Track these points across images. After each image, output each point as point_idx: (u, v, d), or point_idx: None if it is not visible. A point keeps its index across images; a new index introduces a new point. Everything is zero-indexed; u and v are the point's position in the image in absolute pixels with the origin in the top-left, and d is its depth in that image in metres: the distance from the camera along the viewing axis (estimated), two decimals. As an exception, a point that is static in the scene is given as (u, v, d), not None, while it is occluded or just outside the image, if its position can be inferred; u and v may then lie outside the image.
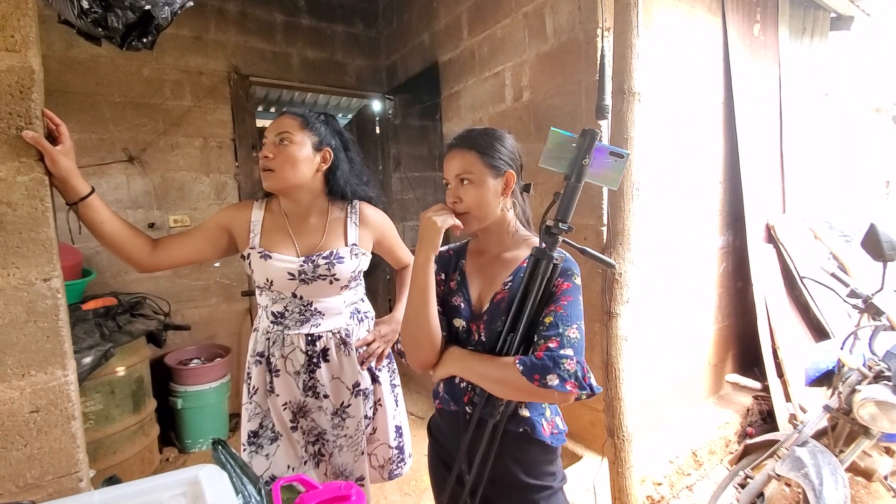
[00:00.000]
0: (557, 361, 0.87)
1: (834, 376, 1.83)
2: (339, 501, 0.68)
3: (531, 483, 1.01)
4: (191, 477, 0.71)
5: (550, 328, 0.91)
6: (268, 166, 1.23)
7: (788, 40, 2.88)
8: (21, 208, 0.98)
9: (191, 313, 2.87)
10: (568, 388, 0.86)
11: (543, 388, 0.86)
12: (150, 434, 2.38)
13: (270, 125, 1.28)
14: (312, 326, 1.32)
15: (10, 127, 0.96)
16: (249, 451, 1.36)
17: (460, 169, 1.00)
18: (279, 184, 1.25)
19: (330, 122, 1.34)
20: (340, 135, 1.35)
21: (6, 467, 0.99)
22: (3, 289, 0.97)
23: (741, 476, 1.87)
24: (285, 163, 1.23)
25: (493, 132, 1.04)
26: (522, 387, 0.89)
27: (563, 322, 0.91)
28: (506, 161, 1.02)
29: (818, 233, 2.86)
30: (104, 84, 2.57)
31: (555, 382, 0.86)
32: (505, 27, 2.39)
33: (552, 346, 0.89)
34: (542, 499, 1.01)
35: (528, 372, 0.87)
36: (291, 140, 1.24)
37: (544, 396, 0.90)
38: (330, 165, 1.31)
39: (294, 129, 1.25)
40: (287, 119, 1.26)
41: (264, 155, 1.23)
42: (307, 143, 1.26)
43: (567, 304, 0.94)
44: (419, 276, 0.99)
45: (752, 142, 2.60)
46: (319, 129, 1.29)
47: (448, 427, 1.09)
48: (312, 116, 1.30)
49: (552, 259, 0.92)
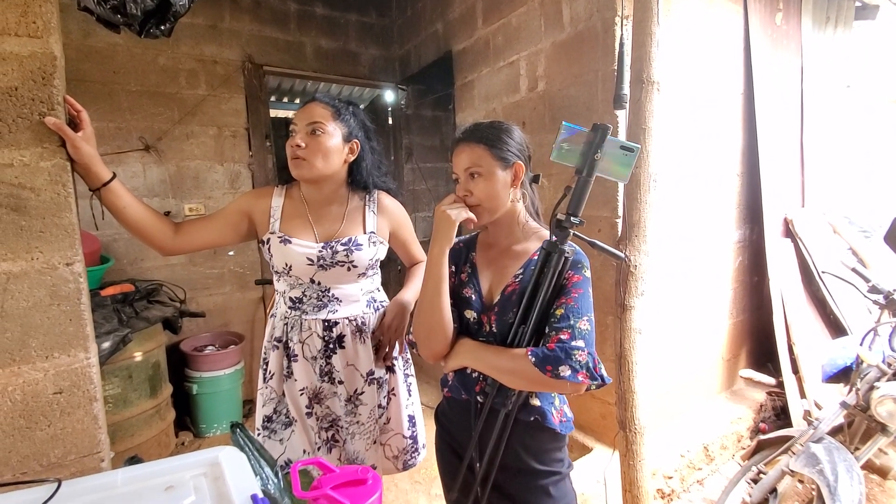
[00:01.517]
0: (569, 353, 0.88)
1: (852, 373, 1.81)
2: (355, 485, 0.69)
3: (541, 469, 1.03)
4: (211, 458, 0.73)
5: (561, 320, 0.93)
6: (299, 155, 1.23)
7: (811, 29, 2.80)
8: (44, 193, 0.99)
9: (205, 301, 2.91)
10: (580, 378, 0.88)
11: (555, 378, 0.88)
12: (166, 418, 2.43)
13: (300, 112, 1.27)
14: (330, 312, 1.34)
15: (32, 113, 0.98)
16: (263, 436, 1.38)
17: (469, 162, 1.02)
18: (309, 173, 1.24)
19: (357, 113, 1.34)
20: (365, 126, 1.35)
21: (30, 447, 1.02)
22: (28, 272, 0.99)
23: (754, 471, 1.86)
24: (317, 153, 1.23)
25: (499, 125, 1.05)
26: (534, 377, 0.90)
27: (574, 314, 0.93)
28: (514, 153, 1.03)
29: (837, 227, 2.81)
30: (121, 73, 2.59)
31: (567, 373, 0.87)
32: (520, 15, 2.36)
33: (564, 338, 0.90)
34: (551, 484, 1.03)
35: (541, 363, 0.89)
36: (324, 130, 1.23)
37: (556, 387, 0.91)
38: (356, 157, 1.32)
39: (326, 119, 1.24)
40: (319, 108, 1.25)
41: (297, 143, 1.22)
42: (338, 133, 1.26)
43: (578, 297, 0.95)
44: (434, 268, 1.01)
45: (771, 134, 2.55)
46: (349, 121, 1.29)
47: (457, 415, 1.11)
48: (343, 107, 1.29)
49: (563, 253, 0.94)
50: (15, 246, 0.97)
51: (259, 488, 0.68)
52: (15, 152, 0.97)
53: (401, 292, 1.45)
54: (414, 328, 1.07)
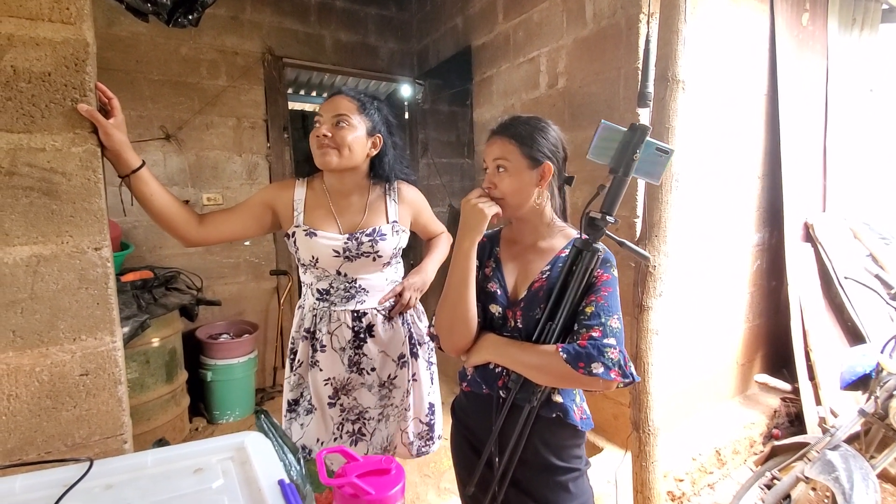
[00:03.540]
0: (602, 350, 0.88)
1: (871, 381, 1.78)
2: (379, 474, 0.70)
3: (561, 465, 1.03)
4: (238, 442, 0.74)
5: (592, 318, 0.93)
6: (325, 144, 1.24)
7: (837, 31, 2.75)
8: (75, 178, 1.01)
9: (221, 289, 2.95)
10: (612, 375, 0.88)
11: (588, 375, 0.88)
12: (181, 404, 2.46)
13: (326, 104, 1.28)
14: (357, 303, 1.36)
15: (65, 99, 0.99)
16: (289, 418, 1.42)
17: (498, 155, 1.01)
18: (333, 164, 1.25)
19: (381, 108, 1.35)
20: (388, 121, 1.36)
21: (56, 427, 1.04)
22: (58, 256, 1.01)
23: (767, 477, 1.84)
24: (342, 144, 1.24)
25: (536, 122, 1.04)
26: (565, 374, 0.90)
27: (604, 312, 0.93)
28: (545, 152, 1.01)
29: (858, 233, 2.76)
30: (144, 62, 2.62)
31: (599, 370, 0.87)
32: (542, 11, 2.34)
33: (595, 335, 0.90)
34: (570, 480, 1.03)
35: (573, 360, 0.89)
36: (349, 123, 1.25)
37: (587, 384, 0.90)
38: (378, 151, 1.33)
39: (352, 112, 1.25)
40: (345, 101, 1.27)
41: (322, 133, 1.24)
42: (362, 127, 1.27)
43: (607, 295, 0.95)
44: (462, 262, 0.99)
45: (794, 136, 2.50)
46: (373, 116, 1.30)
47: (476, 410, 1.11)
48: (368, 101, 1.31)
49: (596, 252, 0.94)
50: (46, 229, 0.99)
51: (284, 474, 0.69)
52: (47, 137, 0.98)
53: (424, 261, 1.50)
54: (437, 321, 1.07)
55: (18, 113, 0.96)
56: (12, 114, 0.95)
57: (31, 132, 0.97)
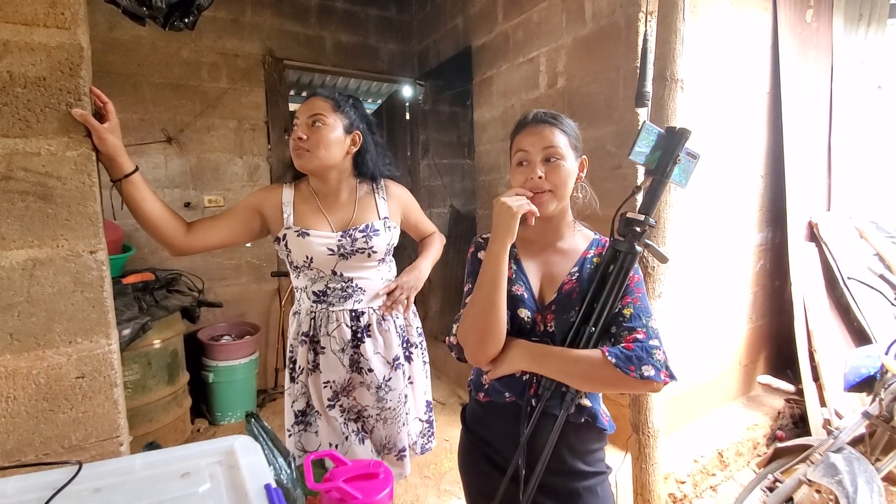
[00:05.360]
0: (650, 352, 0.87)
1: (876, 382, 1.76)
2: (367, 478, 0.69)
3: (587, 470, 1.00)
4: (227, 446, 0.74)
5: (633, 320, 0.91)
6: (301, 146, 1.26)
7: (843, 28, 2.71)
8: (70, 182, 1.01)
9: (222, 291, 2.96)
10: (662, 377, 0.87)
11: (640, 379, 0.86)
12: (183, 405, 2.48)
13: (302, 107, 1.30)
14: (355, 302, 1.36)
15: (60, 103, 1.00)
16: (299, 430, 1.40)
17: (550, 143, 0.95)
18: (312, 164, 1.27)
19: (358, 105, 1.37)
20: (367, 118, 1.38)
21: (53, 429, 1.05)
22: (53, 259, 1.01)
23: (770, 479, 1.82)
24: (319, 144, 1.25)
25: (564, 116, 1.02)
26: (614, 379, 0.87)
27: (643, 314, 0.92)
28: (580, 146, 1.01)
29: (864, 232, 2.72)
30: (145, 65, 2.64)
31: (650, 373, 0.86)
32: (542, 11, 2.33)
33: (640, 338, 0.89)
34: (598, 484, 1.00)
35: (623, 364, 0.86)
36: (324, 122, 1.26)
37: (638, 387, 0.88)
38: (359, 148, 1.35)
39: (327, 112, 1.27)
40: (319, 101, 1.29)
41: (298, 136, 1.26)
42: (339, 125, 1.29)
43: (641, 296, 0.95)
44: (493, 265, 0.92)
45: (798, 135, 2.48)
46: (350, 113, 1.32)
47: (497, 420, 1.03)
48: (343, 100, 1.32)
49: (638, 254, 0.92)
50: (41, 233, 1.00)
51: (272, 478, 0.69)
52: (42, 141, 0.99)
53: (418, 259, 1.50)
54: (462, 330, 0.98)
55: (14, 118, 0.97)
56: (8, 118, 0.96)
57: (27, 137, 0.98)
